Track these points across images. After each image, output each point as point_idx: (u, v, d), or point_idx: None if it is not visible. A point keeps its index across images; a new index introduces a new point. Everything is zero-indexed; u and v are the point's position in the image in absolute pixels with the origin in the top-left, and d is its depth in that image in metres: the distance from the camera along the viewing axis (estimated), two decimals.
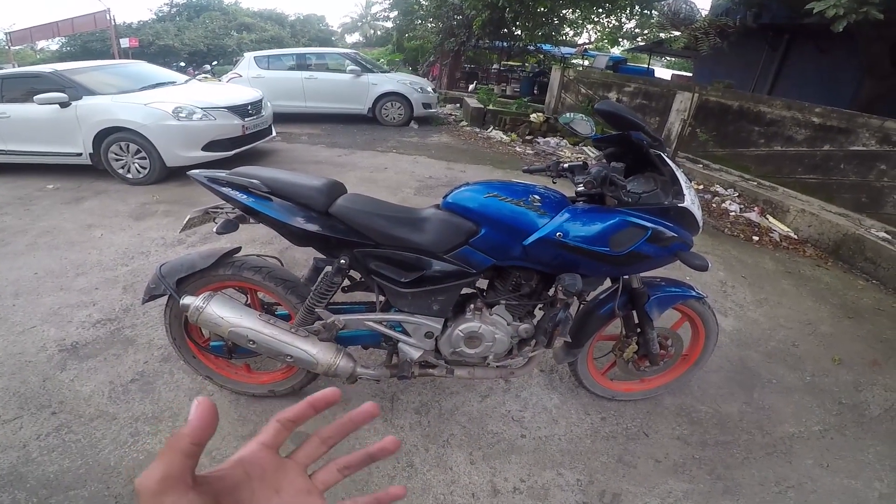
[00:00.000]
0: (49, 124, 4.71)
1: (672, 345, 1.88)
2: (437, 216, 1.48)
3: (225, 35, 34.95)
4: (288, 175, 1.51)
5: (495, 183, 1.50)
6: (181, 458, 0.33)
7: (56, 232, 3.74)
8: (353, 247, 1.48)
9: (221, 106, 4.89)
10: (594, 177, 1.38)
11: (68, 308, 2.66)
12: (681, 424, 1.93)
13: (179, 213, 4.06)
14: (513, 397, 2.04)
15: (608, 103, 1.48)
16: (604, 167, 1.41)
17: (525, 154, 6.57)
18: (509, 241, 1.43)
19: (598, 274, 1.55)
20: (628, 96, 7.49)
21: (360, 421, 0.42)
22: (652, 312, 1.69)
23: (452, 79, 13.63)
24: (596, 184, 1.36)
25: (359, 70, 7.99)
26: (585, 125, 1.65)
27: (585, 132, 1.65)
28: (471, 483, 1.67)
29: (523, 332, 1.62)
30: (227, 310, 1.54)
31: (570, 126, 1.69)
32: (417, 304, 1.54)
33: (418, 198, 4.42)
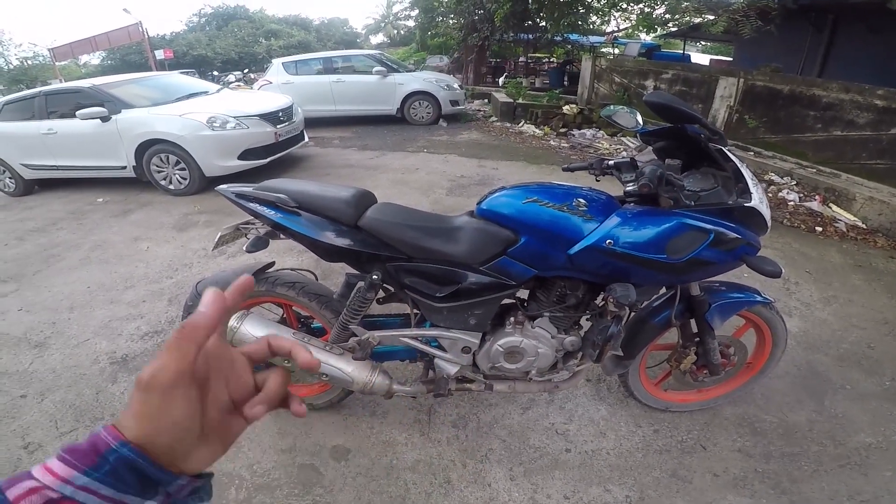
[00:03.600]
0: (93, 138, 4.88)
1: (735, 353, 1.73)
2: (472, 225, 1.39)
3: (254, 42, 35.83)
4: (316, 187, 1.46)
5: (534, 186, 1.39)
6: (194, 350, 0.32)
7: (106, 246, 3.87)
8: (385, 261, 1.41)
9: (253, 114, 4.94)
10: (649, 176, 1.23)
11: (118, 321, 2.73)
12: (742, 436, 1.81)
13: (220, 223, 4.11)
14: (557, 409, 1.95)
15: (659, 94, 1.35)
16: (658, 165, 1.29)
17: (560, 148, 6.38)
18: (552, 250, 1.32)
19: (652, 283, 1.43)
20: (666, 83, 7.14)
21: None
22: (713, 321, 1.55)
23: (478, 74, 13.45)
24: (653, 185, 1.22)
25: (385, 71, 7.98)
26: (630, 118, 1.54)
27: (630, 125, 1.54)
28: (510, 500, 1.60)
29: (569, 346, 1.52)
30: (261, 329, 1.51)
31: (611, 119, 1.58)
32: (453, 318, 1.46)
33: (451, 198, 4.34)
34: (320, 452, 1.79)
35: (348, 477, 1.69)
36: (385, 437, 1.85)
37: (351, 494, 1.63)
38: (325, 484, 1.67)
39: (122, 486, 0.32)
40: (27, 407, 2.12)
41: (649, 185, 1.21)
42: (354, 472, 1.71)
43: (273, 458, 1.78)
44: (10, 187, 5.70)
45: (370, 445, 1.81)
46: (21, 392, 2.21)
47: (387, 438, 1.84)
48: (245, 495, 1.65)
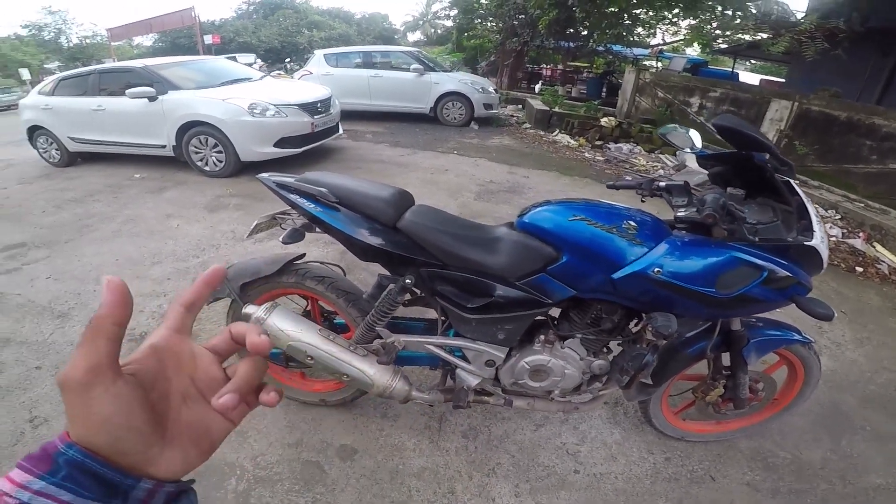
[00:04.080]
0: (138, 117, 5.05)
1: (763, 389, 1.67)
2: (512, 238, 1.34)
3: (297, 33, 36.59)
4: (356, 184, 1.44)
5: (580, 203, 1.34)
6: (105, 344, 0.32)
7: (138, 220, 3.97)
8: (419, 265, 1.38)
9: (293, 103, 5.01)
10: (713, 206, 1.17)
11: (142, 297, 2.77)
12: (753, 469, 1.76)
13: (250, 207, 4.20)
14: (570, 429, 1.91)
15: (729, 118, 1.29)
16: (720, 193, 1.22)
17: (595, 161, 6.24)
18: (595, 271, 1.26)
19: (695, 315, 1.36)
20: (713, 102, 6.92)
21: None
22: (749, 357, 1.49)
23: (513, 79, 13.33)
24: (718, 215, 1.15)
25: (422, 69, 8.00)
26: (687, 138, 1.48)
27: (686, 146, 1.48)
28: None
29: (596, 369, 1.47)
30: (288, 323, 1.48)
31: (666, 137, 1.53)
32: (482, 330, 1.43)
33: (479, 203, 4.29)
34: (326, 450, 1.78)
35: (352, 478, 1.67)
36: (394, 440, 1.83)
37: (352, 496, 1.61)
38: (327, 483, 1.65)
39: (80, 492, 0.31)
40: (40, 379, 2.15)
41: (714, 215, 1.15)
42: (359, 474, 1.69)
43: (278, 451, 1.77)
44: (55, 158, 5.94)
45: (377, 448, 1.79)
46: (37, 363, 2.25)
47: (395, 442, 1.82)
48: (245, 487, 1.64)
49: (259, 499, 1.60)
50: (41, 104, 5.67)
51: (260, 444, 1.80)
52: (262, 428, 1.85)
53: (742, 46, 10.85)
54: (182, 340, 0.37)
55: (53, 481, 0.31)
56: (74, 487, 0.31)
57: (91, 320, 0.32)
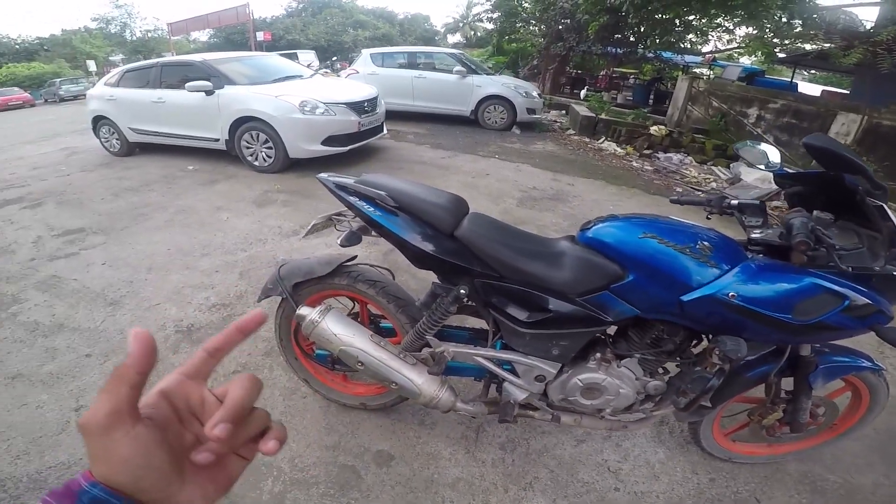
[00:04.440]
0: (195, 110, 5.24)
1: (823, 414, 1.60)
2: (575, 253, 1.30)
3: (342, 31, 37.42)
4: (414, 188, 1.42)
5: (649, 219, 1.28)
6: (127, 391, 0.33)
7: (190, 211, 4.11)
8: (474, 276, 1.35)
9: (341, 102, 5.08)
10: (803, 231, 1.09)
11: (190, 288, 2.86)
12: (800, 492, 1.69)
13: (297, 203, 4.28)
14: (612, 446, 1.85)
15: (821, 137, 1.21)
16: (807, 217, 1.14)
17: (643, 170, 6.02)
18: (663, 292, 1.20)
19: (766, 341, 1.29)
20: (773, 114, 6.57)
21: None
22: (815, 383, 1.42)
23: (556, 84, 13.13)
24: (811, 242, 1.08)
25: (465, 71, 7.93)
26: (762, 154, 1.39)
27: (761, 163, 1.39)
28: None
29: (652, 390, 1.41)
30: (342, 327, 1.49)
31: (740, 153, 1.45)
32: (535, 346, 1.39)
33: (521, 210, 4.22)
34: (363, 455, 1.77)
35: (387, 484, 1.66)
36: (430, 448, 1.81)
37: (386, 503, 1.60)
38: (362, 488, 1.64)
39: None
40: (89, 367, 2.22)
41: (808, 242, 1.07)
42: (394, 481, 1.68)
43: (316, 453, 1.77)
44: (116, 148, 6.26)
45: (414, 455, 1.78)
46: (87, 351, 2.34)
47: (431, 450, 1.80)
48: (280, 488, 1.65)
49: (294, 502, 1.60)
50: (106, 95, 5.98)
51: (298, 444, 1.81)
52: (302, 428, 1.87)
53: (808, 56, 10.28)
54: (194, 386, 0.38)
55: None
56: None
57: (116, 368, 0.34)
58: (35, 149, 7.45)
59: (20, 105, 19.60)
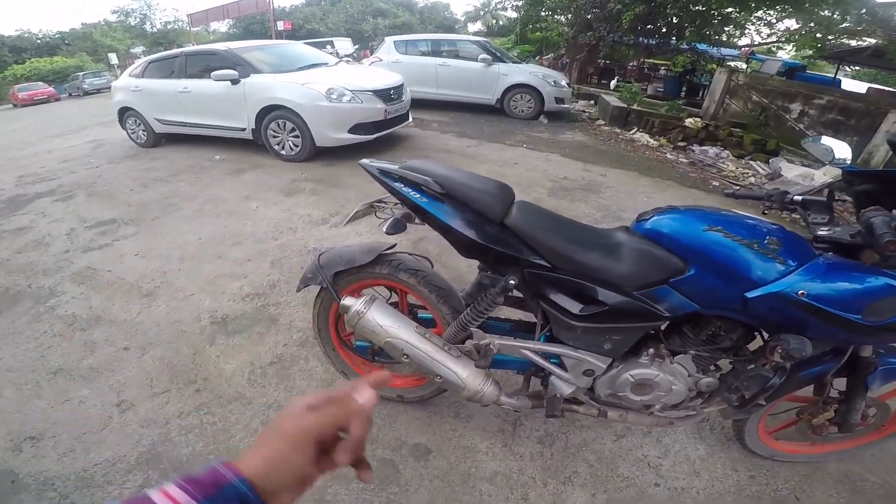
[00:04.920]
0: (221, 99, 5.23)
1: (874, 415, 1.56)
2: (633, 244, 1.24)
3: (362, 20, 37.28)
4: (460, 174, 1.37)
5: (713, 212, 1.22)
6: (333, 426, 0.44)
7: (219, 201, 4.13)
8: (524, 266, 1.30)
9: (368, 89, 5.01)
10: (886, 229, 1.02)
11: (223, 278, 2.85)
12: (840, 492, 1.67)
13: (324, 192, 4.25)
14: (653, 441, 1.81)
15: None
16: (890, 217, 1.08)
17: (678, 162, 5.85)
18: (725, 288, 1.15)
19: (830, 340, 1.24)
20: (817, 110, 6.38)
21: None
22: (872, 384, 1.38)
23: (584, 74, 12.91)
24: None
25: (490, 59, 7.80)
26: (827, 150, 1.35)
27: (826, 159, 1.35)
28: None
29: (704, 387, 1.37)
30: (387, 318, 1.46)
31: (805, 147, 1.42)
32: (586, 339, 1.34)
33: (553, 200, 4.13)
34: (401, 448, 1.75)
35: (425, 479, 1.64)
36: (467, 441, 1.78)
37: (424, 497, 1.58)
38: (401, 483, 1.62)
39: None
40: (128, 361, 2.23)
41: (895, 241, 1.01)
42: (432, 475, 1.66)
43: None
44: (142, 139, 6.33)
45: (451, 449, 1.75)
46: (125, 344, 2.34)
47: (468, 444, 1.77)
48: (321, 483, 1.62)
49: (335, 496, 1.58)
50: (131, 86, 6.02)
51: None
52: None
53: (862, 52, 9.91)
54: None
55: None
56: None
57: (358, 408, 0.45)
58: (63, 142, 7.60)
59: (45, 100, 20.14)
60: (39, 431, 1.84)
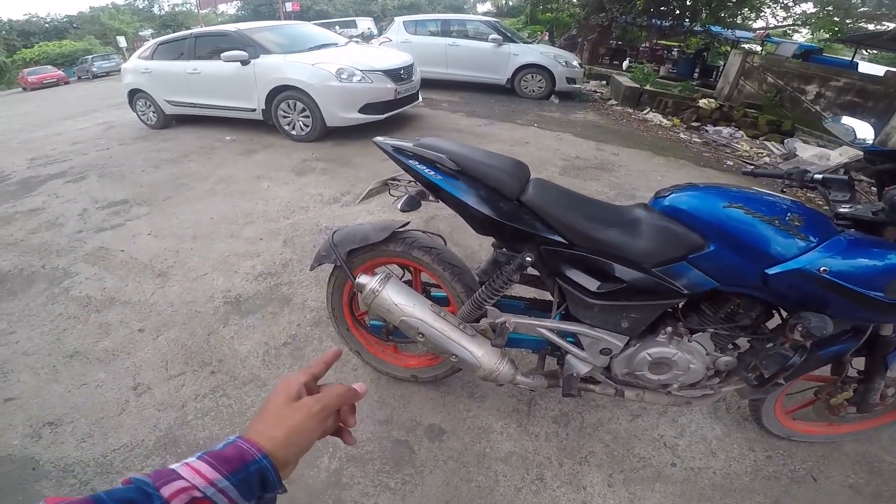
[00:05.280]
0: (231, 80, 5.20)
1: (893, 395, 1.54)
2: (652, 221, 1.22)
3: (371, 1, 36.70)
4: (475, 152, 1.35)
5: (733, 189, 1.20)
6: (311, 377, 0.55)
7: (230, 180, 4.12)
8: (540, 243, 1.29)
9: (378, 69, 4.95)
10: None
11: (235, 257, 2.85)
12: (857, 473, 1.67)
13: (335, 171, 4.22)
14: (669, 421, 1.80)
15: None
16: None
17: (691, 142, 5.75)
18: (745, 265, 1.14)
19: (851, 318, 1.22)
20: (834, 92, 6.34)
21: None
22: (892, 363, 1.37)
23: (595, 54, 12.74)
24: None
25: (500, 39, 7.71)
26: (848, 130, 1.34)
27: (848, 138, 1.34)
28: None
29: (722, 366, 1.35)
30: (402, 297, 1.44)
31: (827, 126, 1.41)
32: (604, 317, 1.33)
33: (565, 178, 4.08)
34: (416, 429, 1.74)
35: (440, 459, 1.63)
36: (481, 422, 1.77)
37: (440, 478, 1.57)
38: (416, 464, 1.62)
39: (246, 492, 0.39)
40: (143, 342, 2.22)
41: None
42: (446, 455, 1.65)
43: (370, 428, 1.75)
44: (153, 120, 6.32)
45: (465, 429, 1.74)
46: (139, 326, 2.34)
47: (483, 424, 1.76)
48: (337, 465, 1.62)
49: (351, 478, 1.58)
50: (141, 68, 6.00)
51: None
52: (356, 403, 1.83)
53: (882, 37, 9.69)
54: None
55: (234, 482, 0.39)
56: (245, 489, 0.39)
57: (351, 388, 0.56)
58: (73, 124, 7.62)
59: (55, 83, 20.19)
60: (58, 417, 1.84)
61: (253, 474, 0.40)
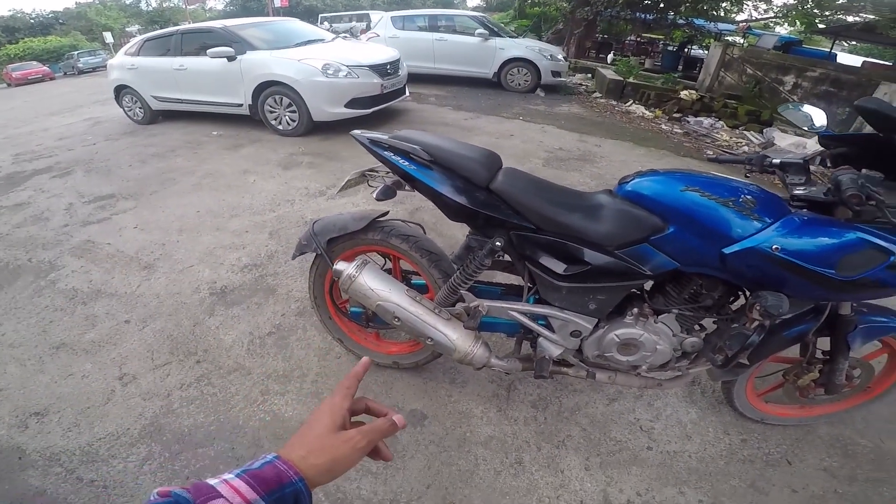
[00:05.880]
0: (217, 76, 5.21)
1: (859, 376, 1.58)
2: (615, 205, 1.28)
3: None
4: (449, 143, 1.40)
5: (689, 174, 1.26)
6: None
7: (217, 175, 4.13)
8: (510, 228, 1.34)
9: (364, 64, 4.99)
10: (853, 186, 1.07)
11: (221, 249, 2.87)
12: (831, 455, 1.69)
13: (322, 165, 4.25)
14: (644, 405, 1.84)
15: (875, 101, 1.17)
16: (857, 175, 1.13)
17: (672, 133, 5.83)
18: (704, 245, 1.19)
19: (807, 296, 1.27)
20: (810, 82, 6.51)
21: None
22: (854, 343, 1.40)
23: (582, 48, 12.81)
24: (863, 196, 1.06)
25: (486, 34, 7.79)
26: (805, 117, 1.38)
27: (805, 125, 1.38)
28: (581, 490, 1.54)
29: (689, 347, 1.40)
30: (378, 282, 1.49)
31: (786, 115, 1.43)
32: (572, 300, 1.37)
33: (548, 170, 4.14)
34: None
35: (421, 444, 1.66)
36: (462, 407, 1.81)
37: (421, 462, 1.60)
38: (397, 449, 1.65)
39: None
40: (129, 333, 2.24)
41: (860, 195, 1.06)
42: (427, 440, 1.68)
43: None
44: (139, 116, 6.30)
45: (446, 414, 1.78)
46: (126, 317, 2.35)
47: (463, 409, 1.80)
48: None
49: None
50: (127, 64, 5.97)
51: None
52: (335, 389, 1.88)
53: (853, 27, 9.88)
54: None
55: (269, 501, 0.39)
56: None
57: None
58: (59, 120, 7.55)
59: (40, 79, 19.87)
60: (44, 407, 1.86)
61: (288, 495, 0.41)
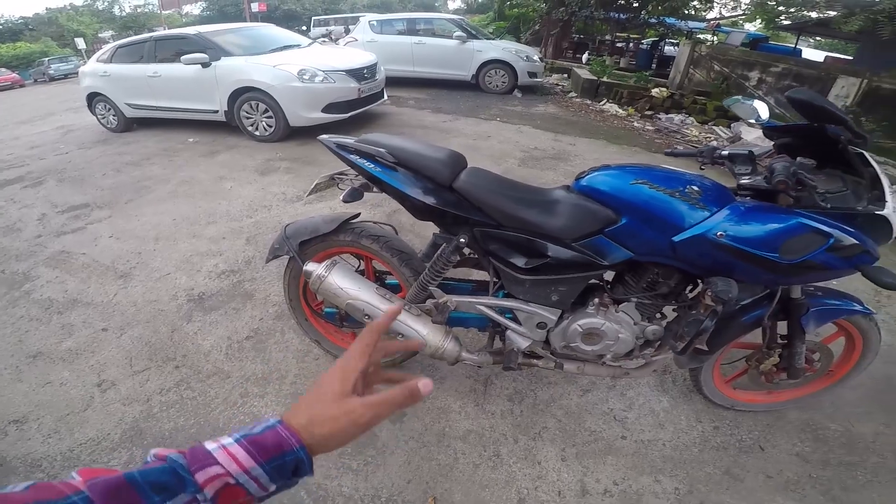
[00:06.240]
0: (192, 83, 5.17)
1: (819, 360, 1.64)
2: (570, 200, 1.33)
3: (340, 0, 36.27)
4: (413, 145, 1.44)
5: (640, 168, 1.32)
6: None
7: (193, 182, 4.10)
8: (473, 225, 1.39)
9: (340, 69, 5.00)
10: (784, 173, 1.15)
11: (198, 256, 2.87)
12: (803, 441, 1.73)
13: (299, 170, 4.25)
14: (617, 395, 1.88)
15: (803, 91, 1.24)
16: (790, 162, 1.20)
17: (644, 130, 5.98)
18: (655, 235, 1.25)
19: (755, 281, 1.34)
20: (774, 77, 6.75)
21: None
22: (808, 326, 1.46)
23: (558, 49, 12.99)
24: (790, 182, 1.14)
25: (464, 36, 7.87)
26: (752, 109, 1.45)
27: (751, 117, 1.45)
28: (559, 480, 1.56)
29: (650, 335, 1.46)
30: (348, 281, 1.53)
31: (733, 108, 1.51)
32: (535, 292, 1.43)
33: (523, 169, 4.20)
34: None
35: (401, 440, 1.69)
36: (440, 403, 1.84)
37: (401, 458, 1.63)
38: (378, 446, 1.67)
39: (276, 478, 0.39)
40: (107, 341, 2.24)
41: (787, 181, 1.14)
42: (407, 436, 1.70)
43: None
44: (113, 124, 6.20)
45: (425, 410, 1.81)
46: (103, 325, 2.34)
47: (442, 405, 1.83)
48: None
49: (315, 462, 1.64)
50: (100, 71, 5.88)
51: None
52: None
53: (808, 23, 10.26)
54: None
55: (267, 469, 0.38)
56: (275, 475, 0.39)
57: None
58: (30, 128, 7.38)
59: (9, 86, 19.25)
60: (23, 415, 1.85)
61: (289, 463, 0.39)
